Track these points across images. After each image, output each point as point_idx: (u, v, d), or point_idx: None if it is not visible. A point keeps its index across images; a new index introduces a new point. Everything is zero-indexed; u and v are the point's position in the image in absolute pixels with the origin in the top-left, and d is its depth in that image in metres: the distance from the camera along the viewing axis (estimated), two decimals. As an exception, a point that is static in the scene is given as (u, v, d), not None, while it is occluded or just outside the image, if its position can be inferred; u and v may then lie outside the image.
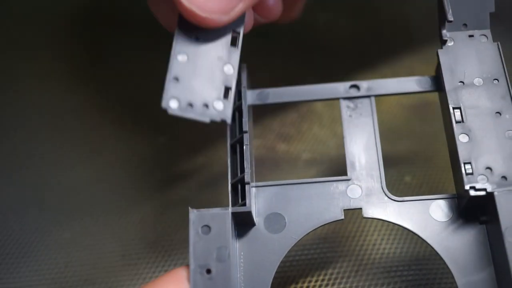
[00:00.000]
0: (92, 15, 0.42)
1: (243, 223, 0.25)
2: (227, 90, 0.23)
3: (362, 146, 0.27)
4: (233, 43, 0.24)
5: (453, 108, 0.25)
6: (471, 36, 0.26)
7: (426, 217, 0.25)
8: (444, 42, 0.26)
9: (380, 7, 0.41)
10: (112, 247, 0.32)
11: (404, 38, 0.40)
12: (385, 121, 0.35)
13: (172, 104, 0.22)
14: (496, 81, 0.25)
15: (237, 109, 0.27)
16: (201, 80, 0.23)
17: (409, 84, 0.28)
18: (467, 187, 0.23)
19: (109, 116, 0.37)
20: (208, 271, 0.23)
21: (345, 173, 0.26)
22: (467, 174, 0.23)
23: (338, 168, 0.34)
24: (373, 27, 0.40)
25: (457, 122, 0.24)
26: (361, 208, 0.25)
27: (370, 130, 0.27)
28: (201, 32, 0.23)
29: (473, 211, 0.24)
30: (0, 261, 0.32)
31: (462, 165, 0.23)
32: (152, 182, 0.34)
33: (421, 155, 0.35)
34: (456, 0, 0.26)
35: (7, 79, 0.39)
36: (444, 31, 0.26)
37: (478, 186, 0.23)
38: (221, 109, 0.22)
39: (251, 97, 0.28)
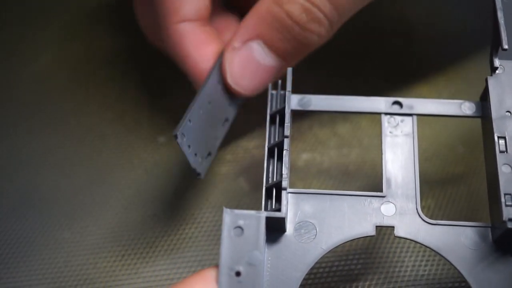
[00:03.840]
0: (93, 14, 0.42)
1: (273, 229, 0.24)
2: (209, 153, 0.30)
3: (399, 164, 0.26)
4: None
5: (498, 137, 0.25)
6: None
7: (458, 244, 0.24)
8: (494, 69, 0.26)
9: (381, 8, 0.41)
10: (112, 247, 0.32)
11: (405, 39, 0.39)
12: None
13: (179, 136, 0.27)
14: None
15: (279, 112, 0.26)
16: (202, 134, 0.29)
17: (453, 107, 0.27)
18: (505, 218, 0.23)
19: (109, 116, 0.37)
20: (238, 274, 0.22)
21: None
22: (506, 205, 0.23)
23: (337, 167, 0.34)
24: (373, 27, 0.40)
25: (500, 151, 0.24)
26: (393, 227, 0.25)
27: (410, 149, 0.27)
28: (215, 99, 0.30)
29: (506, 242, 0.24)
30: (0, 261, 0.32)
31: (503, 195, 0.23)
32: (152, 182, 0.34)
33: (426, 159, 0.35)
34: (511, 29, 0.26)
35: (7, 79, 0.39)
36: (496, 59, 0.26)
37: None
38: (201, 162, 0.29)
39: (293, 101, 0.28)
